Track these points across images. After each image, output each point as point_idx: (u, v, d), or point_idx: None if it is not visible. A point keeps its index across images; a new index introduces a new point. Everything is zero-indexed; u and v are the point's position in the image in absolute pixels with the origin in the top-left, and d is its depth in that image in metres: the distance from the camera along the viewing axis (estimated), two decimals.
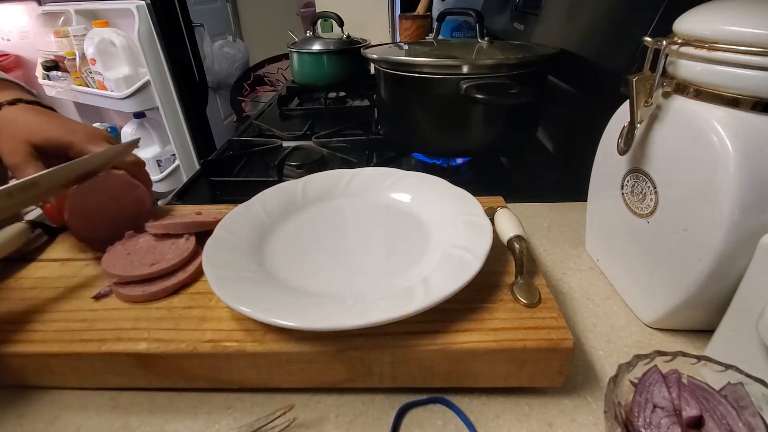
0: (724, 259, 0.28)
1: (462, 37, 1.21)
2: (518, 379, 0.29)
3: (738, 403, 0.23)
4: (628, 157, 0.35)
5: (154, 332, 0.30)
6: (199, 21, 1.74)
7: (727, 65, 0.27)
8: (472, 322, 0.29)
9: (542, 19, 0.78)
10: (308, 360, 0.29)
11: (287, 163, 0.68)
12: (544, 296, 0.31)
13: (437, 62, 0.57)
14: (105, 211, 0.39)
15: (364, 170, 0.47)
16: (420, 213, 0.41)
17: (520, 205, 0.54)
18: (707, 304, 0.31)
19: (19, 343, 0.30)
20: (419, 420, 0.29)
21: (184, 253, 0.36)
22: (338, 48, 1.03)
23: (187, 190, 0.66)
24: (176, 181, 1.69)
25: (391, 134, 0.72)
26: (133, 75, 1.49)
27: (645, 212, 0.34)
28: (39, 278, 0.37)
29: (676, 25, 0.30)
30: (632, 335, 0.35)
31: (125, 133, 1.67)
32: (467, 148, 0.65)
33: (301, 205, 0.43)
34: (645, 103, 0.31)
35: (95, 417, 0.30)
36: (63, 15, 1.60)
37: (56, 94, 1.69)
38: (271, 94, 1.81)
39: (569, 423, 0.29)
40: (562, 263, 0.44)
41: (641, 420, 0.23)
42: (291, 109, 1.04)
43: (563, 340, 0.28)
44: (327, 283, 0.33)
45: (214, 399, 0.31)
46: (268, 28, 2.27)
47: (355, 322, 0.27)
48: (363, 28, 1.25)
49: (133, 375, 0.30)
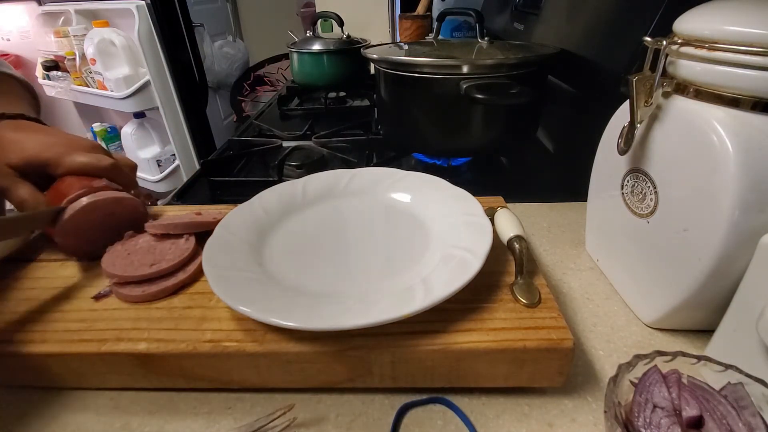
0: (724, 259, 0.28)
1: (462, 37, 1.21)
2: (518, 379, 0.29)
3: (738, 403, 0.23)
4: (628, 157, 0.35)
5: (154, 332, 0.30)
6: (199, 21, 1.74)
7: (727, 65, 0.27)
8: (472, 322, 0.29)
9: (542, 19, 0.78)
10: (308, 360, 0.29)
11: (287, 163, 0.68)
12: (544, 296, 0.31)
13: (437, 62, 0.57)
14: (99, 229, 0.38)
15: (364, 170, 0.47)
16: (420, 213, 0.41)
17: (520, 205, 0.54)
18: (707, 304, 0.31)
19: (19, 343, 0.30)
20: (419, 420, 0.29)
21: (184, 254, 0.36)
22: (338, 48, 1.03)
23: (187, 190, 0.66)
24: (176, 181, 1.69)
25: (391, 134, 0.72)
26: (133, 75, 1.49)
27: (645, 212, 0.34)
28: (39, 278, 0.37)
29: (676, 25, 0.30)
30: (632, 335, 0.35)
31: (125, 132, 1.67)
32: (467, 148, 0.65)
33: (301, 205, 0.43)
34: (645, 103, 0.31)
35: (95, 417, 0.30)
36: (63, 15, 1.60)
37: (56, 94, 1.69)
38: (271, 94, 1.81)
39: (569, 423, 0.29)
40: (562, 263, 0.44)
41: (641, 420, 0.23)
42: (291, 109, 1.04)
43: (563, 340, 0.28)
44: (327, 283, 0.33)
45: (214, 399, 0.31)
46: (268, 28, 2.27)
47: (355, 322, 0.27)
48: (363, 28, 1.25)
49: (133, 375, 0.30)
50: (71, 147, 0.39)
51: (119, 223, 0.39)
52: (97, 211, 0.38)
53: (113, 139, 1.80)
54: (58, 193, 0.38)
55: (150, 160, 1.66)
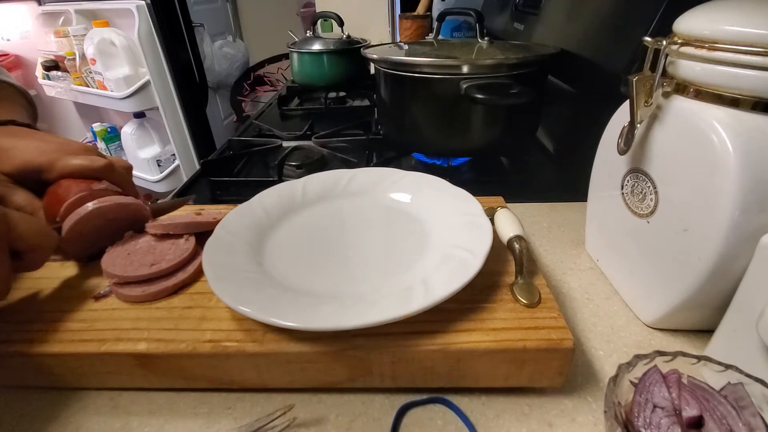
0: (724, 259, 0.28)
1: (462, 37, 1.21)
2: (518, 379, 0.29)
3: (738, 403, 0.23)
4: (628, 157, 0.35)
5: (154, 332, 0.30)
6: (199, 21, 1.74)
7: (727, 65, 0.27)
8: (472, 322, 0.29)
9: (542, 19, 0.78)
10: (308, 360, 0.29)
11: (287, 163, 0.68)
12: (544, 296, 0.31)
13: (437, 62, 0.57)
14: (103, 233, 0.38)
15: (364, 170, 0.47)
16: (420, 213, 0.41)
17: (520, 205, 0.54)
18: (707, 304, 0.31)
19: (20, 343, 0.30)
20: (419, 420, 0.29)
21: (184, 254, 0.36)
22: (338, 48, 1.03)
23: (187, 190, 0.66)
24: (176, 181, 1.69)
25: (391, 134, 0.72)
26: (133, 75, 1.49)
27: (645, 212, 0.34)
28: (39, 278, 0.37)
29: (676, 25, 0.30)
30: (632, 335, 0.35)
31: (125, 132, 1.67)
32: (467, 148, 0.65)
33: (300, 205, 0.43)
34: (645, 103, 0.31)
35: (95, 417, 0.30)
36: (63, 15, 1.60)
37: (56, 94, 1.69)
38: (271, 94, 1.81)
39: (569, 423, 0.29)
40: (562, 263, 0.44)
41: (641, 420, 0.23)
42: (291, 109, 1.04)
43: (563, 340, 0.28)
44: (327, 283, 0.33)
45: (214, 399, 0.31)
46: (268, 28, 2.27)
47: (355, 322, 0.27)
48: (363, 28, 1.25)
49: (133, 375, 0.30)
50: (63, 151, 0.39)
51: (122, 226, 0.39)
52: (102, 217, 0.37)
53: (113, 139, 1.80)
54: (55, 198, 0.37)
55: (150, 160, 1.66)
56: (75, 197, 0.36)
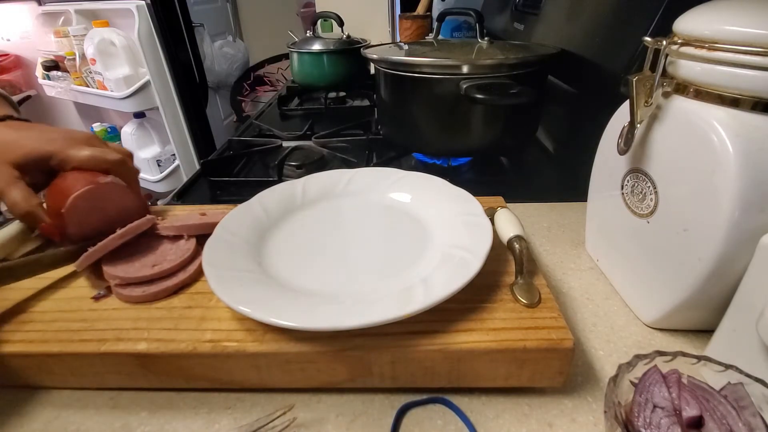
0: (724, 259, 0.28)
1: (462, 37, 1.21)
2: (518, 379, 0.29)
3: (738, 403, 0.23)
4: (628, 157, 0.35)
5: (154, 332, 0.30)
6: (199, 21, 1.74)
7: (727, 65, 0.27)
8: (472, 322, 0.29)
9: (542, 19, 0.78)
10: (308, 360, 0.29)
11: (287, 163, 0.68)
12: (544, 296, 0.31)
13: (437, 62, 0.57)
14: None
15: (364, 170, 0.47)
16: (420, 213, 0.41)
17: (520, 205, 0.54)
18: (707, 304, 0.31)
19: (19, 343, 0.30)
20: (419, 420, 0.29)
21: (185, 254, 0.36)
22: (338, 48, 1.03)
23: (187, 190, 0.66)
24: (176, 181, 1.69)
25: (391, 134, 0.72)
26: (133, 75, 1.49)
27: (645, 212, 0.34)
28: (39, 278, 0.37)
29: (676, 25, 0.30)
30: (632, 335, 0.35)
31: (125, 132, 1.67)
32: (467, 148, 0.65)
33: (300, 205, 0.43)
34: (645, 103, 0.31)
35: (95, 417, 0.30)
36: (63, 15, 1.60)
37: (56, 94, 1.69)
38: (271, 94, 1.81)
39: (569, 423, 0.29)
40: (562, 263, 0.44)
41: (641, 420, 0.23)
42: (291, 109, 1.04)
43: (563, 340, 0.28)
44: (327, 283, 0.33)
45: (214, 399, 0.31)
46: (268, 28, 2.27)
47: (354, 322, 0.27)
48: (363, 28, 1.25)
49: (133, 375, 0.30)
50: (72, 139, 0.39)
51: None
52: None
53: (113, 139, 1.80)
54: (60, 190, 0.37)
55: (150, 160, 1.66)
56: (83, 189, 0.37)
